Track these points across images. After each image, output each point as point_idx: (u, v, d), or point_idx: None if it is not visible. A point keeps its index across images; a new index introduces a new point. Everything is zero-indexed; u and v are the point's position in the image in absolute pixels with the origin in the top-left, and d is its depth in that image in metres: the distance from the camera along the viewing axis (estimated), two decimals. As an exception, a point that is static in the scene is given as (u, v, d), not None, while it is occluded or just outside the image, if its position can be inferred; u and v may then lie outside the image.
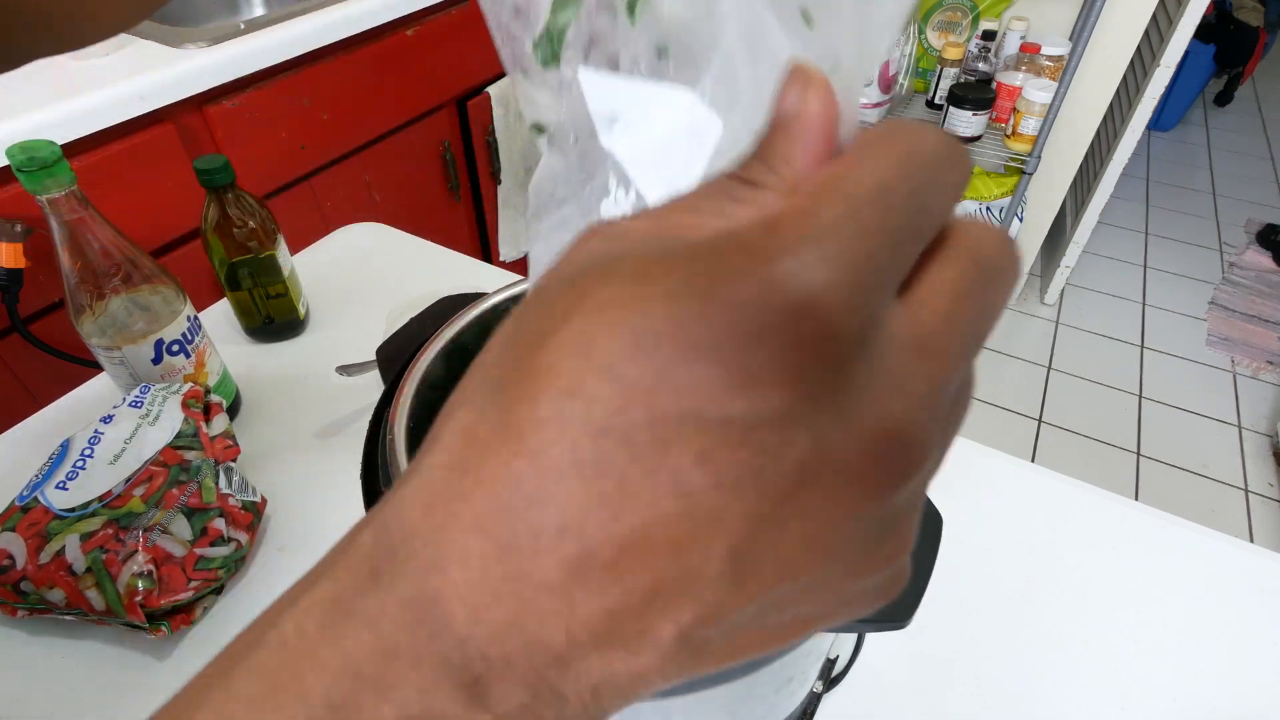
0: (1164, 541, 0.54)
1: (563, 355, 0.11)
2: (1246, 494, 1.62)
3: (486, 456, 0.12)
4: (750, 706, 0.36)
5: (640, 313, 0.11)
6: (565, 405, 0.11)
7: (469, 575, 0.12)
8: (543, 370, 0.11)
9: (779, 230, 0.11)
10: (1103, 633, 0.49)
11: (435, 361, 0.42)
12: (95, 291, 0.51)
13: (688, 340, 0.11)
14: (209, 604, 0.49)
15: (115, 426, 0.52)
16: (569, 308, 0.12)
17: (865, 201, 0.11)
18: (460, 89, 1.36)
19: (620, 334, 0.11)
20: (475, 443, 0.12)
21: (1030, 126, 1.52)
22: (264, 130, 1.06)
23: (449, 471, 0.12)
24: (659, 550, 0.11)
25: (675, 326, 0.11)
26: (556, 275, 0.13)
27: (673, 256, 0.11)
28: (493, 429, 0.12)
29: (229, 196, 0.61)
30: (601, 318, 0.11)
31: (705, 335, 0.11)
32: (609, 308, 0.11)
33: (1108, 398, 1.85)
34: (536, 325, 0.12)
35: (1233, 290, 2.20)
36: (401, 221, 0.92)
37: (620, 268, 0.12)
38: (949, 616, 0.49)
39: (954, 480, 0.58)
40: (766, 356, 0.10)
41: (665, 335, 0.11)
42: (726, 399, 0.11)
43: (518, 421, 0.12)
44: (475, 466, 0.12)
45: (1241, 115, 3.16)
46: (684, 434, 0.11)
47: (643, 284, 0.11)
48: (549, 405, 0.11)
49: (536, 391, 0.11)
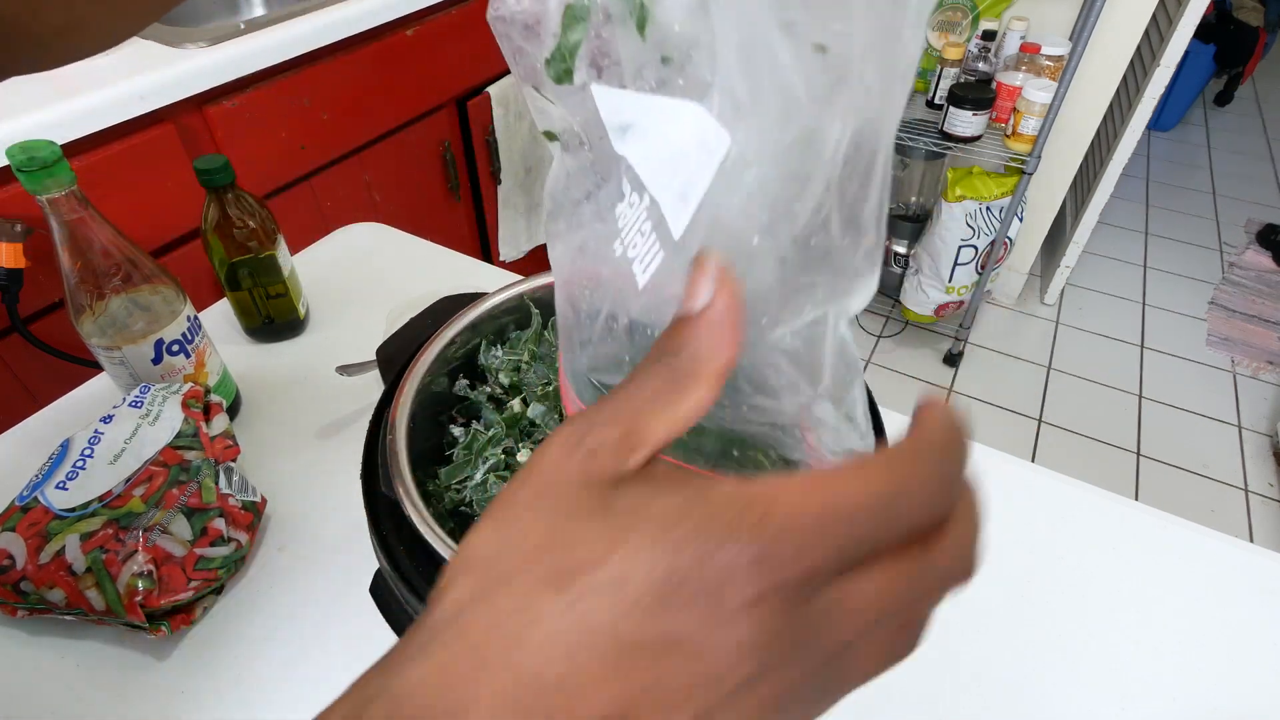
0: (1164, 541, 0.54)
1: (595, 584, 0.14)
2: (1246, 494, 1.62)
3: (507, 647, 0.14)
4: (750, 706, 0.36)
5: (671, 552, 0.14)
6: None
7: None
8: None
9: (766, 518, 0.14)
10: (1103, 633, 0.49)
11: (435, 362, 0.42)
12: (95, 291, 0.51)
13: (699, 578, 0.14)
14: (209, 604, 0.49)
15: (115, 426, 0.52)
16: (610, 544, 0.15)
17: (832, 520, 0.14)
18: (460, 89, 1.36)
19: (654, 570, 0.14)
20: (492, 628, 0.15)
21: (1030, 126, 1.52)
22: (264, 130, 1.06)
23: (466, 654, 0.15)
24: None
25: (692, 563, 0.14)
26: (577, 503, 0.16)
27: (687, 506, 0.15)
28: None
29: (229, 196, 0.61)
30: (638, 558, 0.14)
31: (707, 577, 0.14)
32: (643, 550, 0.14)
33: (1108, 398, 1.85)
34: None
35: (1233, 290, 2.20)
36: (401, 221, 0.92)
37: (646, 513, 0.15)
38: (949, 616, 0.49)
39: (954, 480, 0.58)
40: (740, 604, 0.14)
41: (684, 571, 0.14)
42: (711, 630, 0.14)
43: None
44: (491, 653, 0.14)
45: (1241, 115, 3.16)
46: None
47: (667, 531, 0.14)
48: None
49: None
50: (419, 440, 0.37)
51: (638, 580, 0.14)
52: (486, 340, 0.46)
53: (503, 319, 0.46)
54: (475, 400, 0.45)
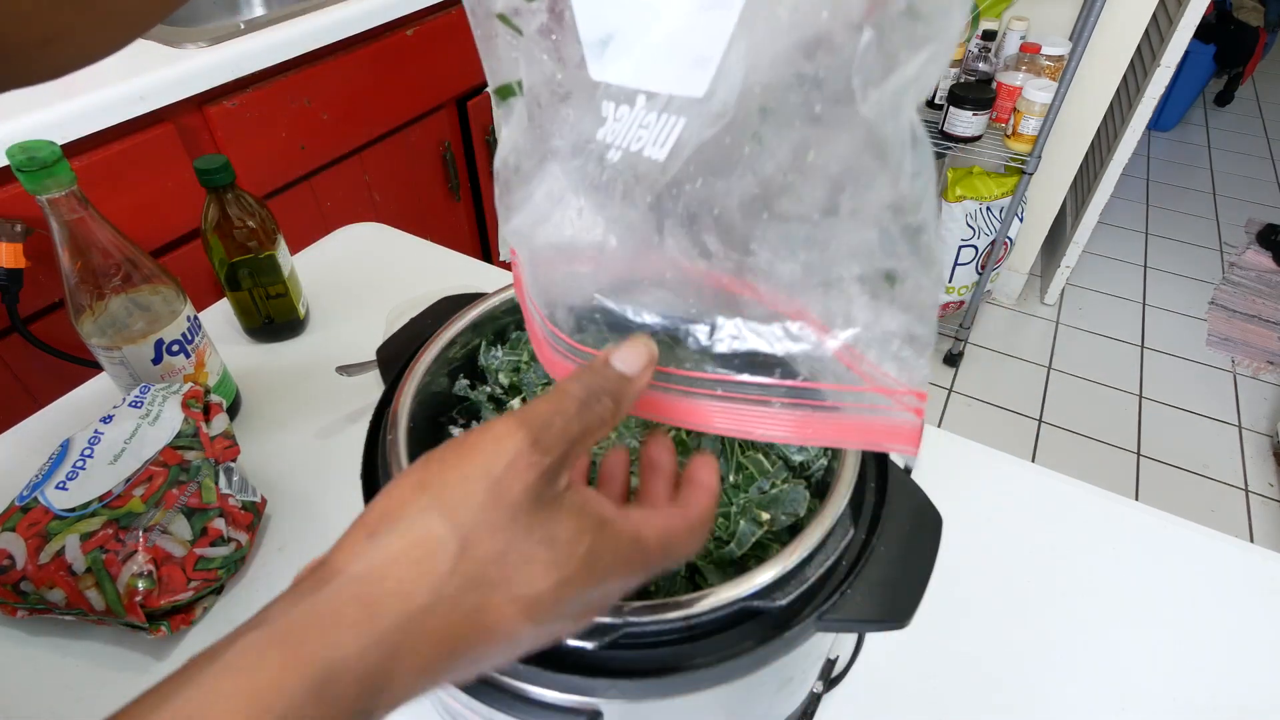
0: (1164, 541, 0.54)
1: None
2: (1246, 494, 1.62)
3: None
4: (750, 706, 0.36)
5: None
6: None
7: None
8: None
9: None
10: (1103, 632, 0.49)
11: (435, 362, 0.42)
12: (95, 291, 0.51)
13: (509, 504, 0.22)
14: (209, 604, 0.49)
15: (115, 426, 0.52)
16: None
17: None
18: (460, 89, 1.36)
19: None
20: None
21: (1030, 126, 1.52)
22: (264, 130, 1.06)
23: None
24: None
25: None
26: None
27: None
28: None
29: (229, 196, 0.61)
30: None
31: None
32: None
33: (1108, 398, 1.85)
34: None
35: (1233, 290, 2.20)
36: (401, 221, 0.92)
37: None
38: (949, 616, 0.49)
39: (954, 480, 0.58)
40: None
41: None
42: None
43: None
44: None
45: (1241, 115, 3.16)
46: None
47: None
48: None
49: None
50: (419, 440, 0.37)
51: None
52: (487, 340, 0.46)
53: (503, 319, 0.46)
54: (475, 400, 0.45)
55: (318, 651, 0.19)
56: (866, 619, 0.31)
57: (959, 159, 1.77)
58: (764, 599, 0.29)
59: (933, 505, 0.35)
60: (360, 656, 0.19)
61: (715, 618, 0.29)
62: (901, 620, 0.30)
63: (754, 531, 0.35)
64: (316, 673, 0.18)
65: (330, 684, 0.18)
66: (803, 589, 0.30)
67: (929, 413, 1.97)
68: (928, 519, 0.34)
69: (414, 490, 0.22)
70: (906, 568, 0.32)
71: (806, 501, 0.37)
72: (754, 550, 0.36)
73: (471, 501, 0.21)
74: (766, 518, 0.36)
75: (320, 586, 0.20)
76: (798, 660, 0.33)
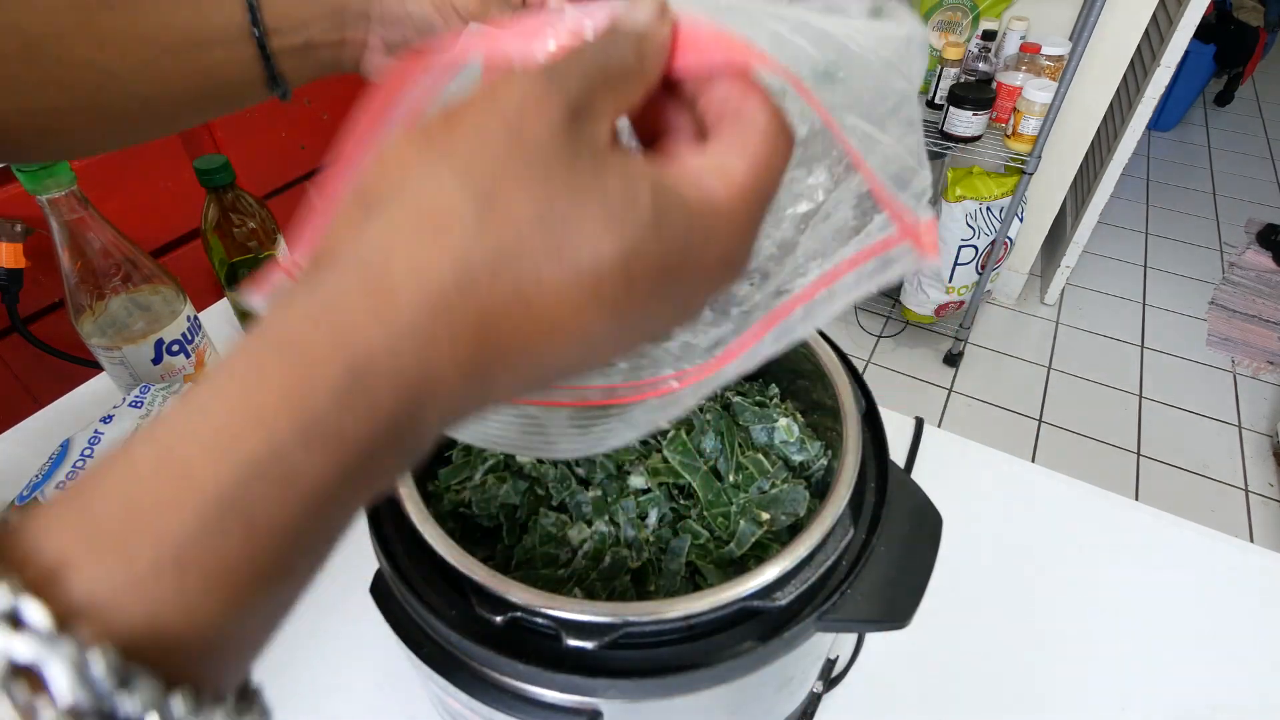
0: (1164, 541, 0.54)
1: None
2: (1246, 494, 1.62)
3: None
4: (750, 706, 0.36)
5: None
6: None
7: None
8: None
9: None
10: (1103, 632, 0.49)
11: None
12: (95, 291, 0.51)
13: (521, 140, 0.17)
14: (209, 604, 0.49)
15: (115, 426, 0.52)
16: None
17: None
18: (460, 89, 1.36)
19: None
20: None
21: (1030, 126, 1.52)
22: (264, 130, 1.06)
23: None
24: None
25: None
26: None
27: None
28: None
29: (229, 196, 0.61)
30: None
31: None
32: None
33: (1108, 398, 1.85)
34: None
35: (1233, 290, 2.20)
36: (401, 221, 0.92)
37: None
38: (949, 616, 0.49)
39: (954, 480, 0.58)
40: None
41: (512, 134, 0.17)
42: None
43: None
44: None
45: (1241, 115, 3.16)
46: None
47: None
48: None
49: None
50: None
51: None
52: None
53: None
54: (475, 400, 0.45)
55: (334, 353, 0.15)
56: (866, 619, 0.31)
57: (959, 159, 1.77)
58: (764, 599, 0.29)
59: (933, 505, 0.35)
60: (390, 353, 0.15)
61: (715, 617, 0.29)
62: (901, 620, 0.30)
63: (754, 531, 0.35)
64: (338, 374, 0.14)
65: (357, 389, 0.15)
66: (803, 589, 0.30)
67: (929, 413, 1.96)
68: (928, 519, 0.34)
69: (416, 148, 0.17)
70: (906, 568, 0.32)
71: (806, 501, 0.37)
72: (754, 550, 0.36)
73: (486, 152, 0.16)
74: (766, 518, 0.36)
75: (318, 278, 0.16)
76: (798, 660, 0.33)
